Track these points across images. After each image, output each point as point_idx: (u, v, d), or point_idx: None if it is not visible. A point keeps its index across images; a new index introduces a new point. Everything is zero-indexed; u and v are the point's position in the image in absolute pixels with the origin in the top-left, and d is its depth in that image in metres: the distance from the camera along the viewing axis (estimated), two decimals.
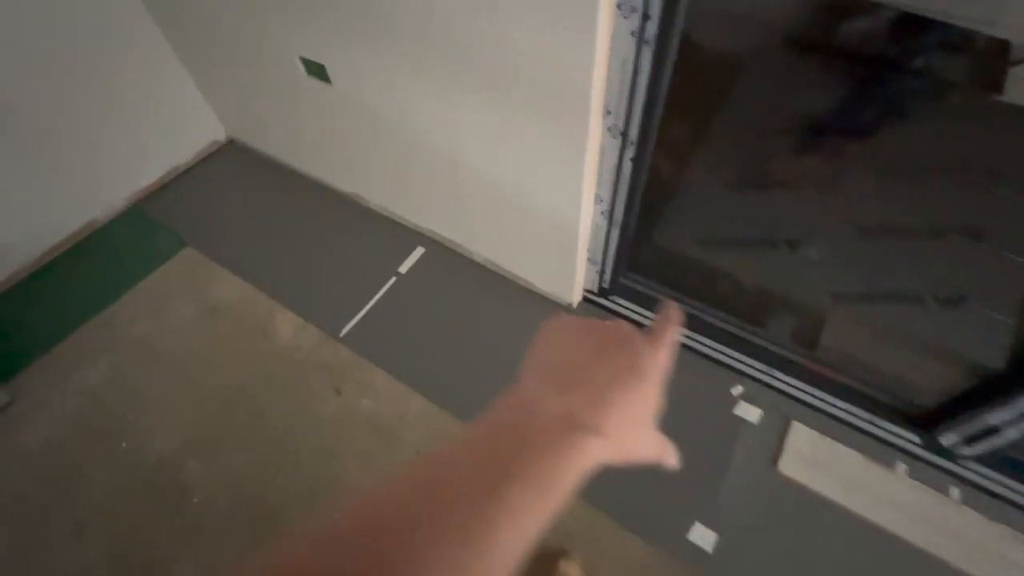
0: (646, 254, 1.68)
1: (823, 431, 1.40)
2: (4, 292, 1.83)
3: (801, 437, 1.39)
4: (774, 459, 1.36)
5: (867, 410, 1.40)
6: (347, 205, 2.05)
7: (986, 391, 1.17)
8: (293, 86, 1.67)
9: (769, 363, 1.52)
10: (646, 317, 1.63)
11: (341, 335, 1.69)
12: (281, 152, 2.15)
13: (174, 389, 1.60)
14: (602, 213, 1.36)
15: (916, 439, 1.36)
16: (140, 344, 1.70)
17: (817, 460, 1.34)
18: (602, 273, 1.59)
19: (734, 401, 1.48)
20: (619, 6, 0.91)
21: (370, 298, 1.77)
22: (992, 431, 1.19)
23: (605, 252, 1.50)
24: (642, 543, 1.28)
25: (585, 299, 1.72)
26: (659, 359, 0.34)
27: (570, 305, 1.70)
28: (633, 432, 0.32)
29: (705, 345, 1.57)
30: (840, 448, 1.37)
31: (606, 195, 1.31)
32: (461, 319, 1.71)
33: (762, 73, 2.25)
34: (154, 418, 1.55)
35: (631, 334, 0.34)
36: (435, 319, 1.72)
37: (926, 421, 1.33)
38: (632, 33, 0.94)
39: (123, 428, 1.53)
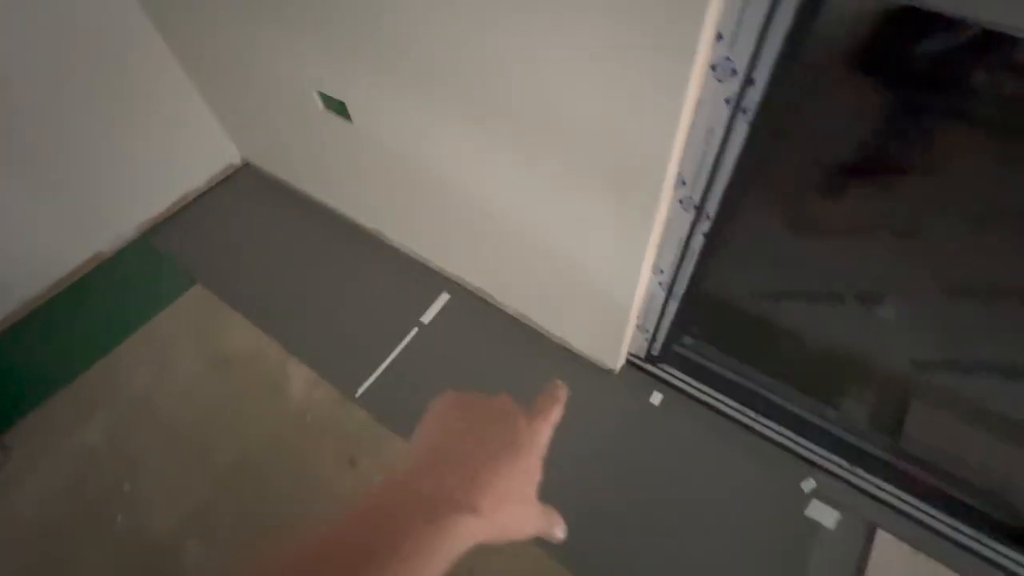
0: (700, 316, 1.48)
1: (916, 544, 1.19)
2: (1, 333, 1.72)
3: (889, 550, 1.18)
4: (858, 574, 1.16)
5: (969, 523, 1.18)
6: (368, 242, 1.89)
7: None
8: (311, 120, 1.51)
9: (846, 455, 1.31)
10: (697, 388, 1.43)
11: (357, 395, 1.53)
12: (300, 180, 2.00)
13: (175, 456, 1.46)
14: (660, 284, 1.17)
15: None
16: (141, 400, 1.57)
17: None
18: (652, 341, 1.39)
19: (806, 500, 1.28)
20: (713, 67, 0.72)
21: (390, 352, 1.61)
22: None
23: (659, 322, 1.30)
24: None
25: (629, 363, 1.53)
26: (538, 436, 0.36)
27: (612, 370, 1.51)
28: (511, 509, 0.32)
29: (768, 428, 1.37)
30: (937, 567, 1.16)
31: (668, 267, 1.11)
32: (489, 379, 1.54)
33: (824, 103, 2.02)
34: (152, 488, 1.41)
35: (511, 411, 0.36)
36: (460, 377, 1.54)
37: None
38: (727, 100, 0.75)
39: (120, 499, 1.40)
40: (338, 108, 1.39)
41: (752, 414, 1.39)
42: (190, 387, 1.59)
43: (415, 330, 1.66)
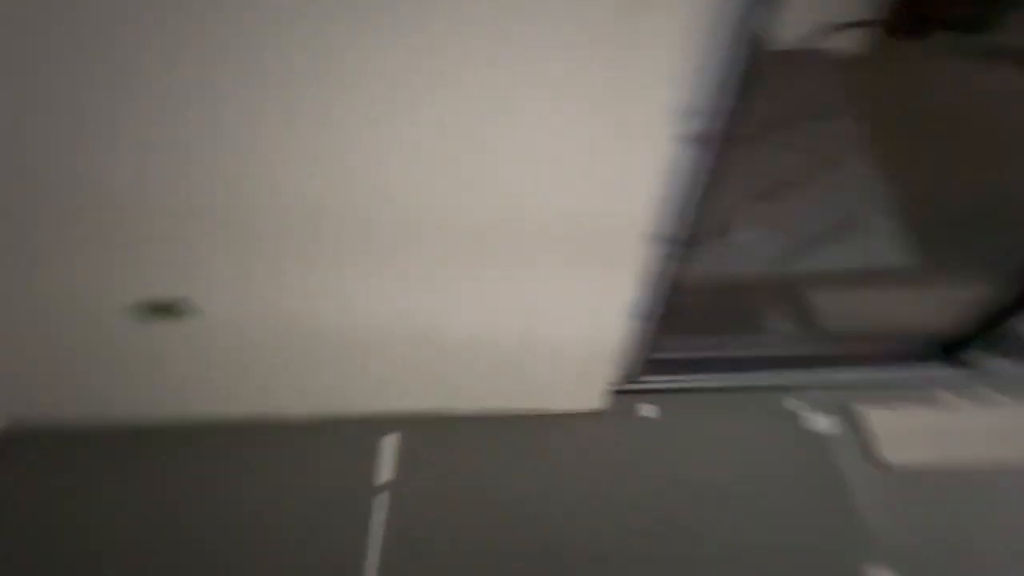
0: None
1: (889, 404, 1.43)
2: None
3: (878, 419, 1.40)
4: (873, 454, 1.34)
5: (903, 363, 1.46)
6: (251, 433, 1.47)
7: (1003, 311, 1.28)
8: (127, 336, 1.10)
9: (799, 365, 1.50)
10: (684, 383, 1.48)
11: None
12: (119, 411, 1.45)
13: None
14: (634, 316, 1.16)
15: (955, 366, 1.46)
16: None
17: (916, 434, 1.36)
18: (629, 366, 1.39)
19: (797, 417, 1.43)
20: (676, 114, 0.70)
21: (365, 554, 1.27)
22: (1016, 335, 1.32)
23: (635, 349, 1.30)
24: None
25: (614, 394, 1.50)
26: None
27: (596, 411, 1.47)
28: None
29: (744, 378, 1.49)
30: (924, 411, 1.41)
31: (641, 299, 1.10)
32: (490, 498, 1.35)
33: None
34: None
35: None
36: (459, 521, 1.32)
37: (953, 350, 1.44)
38: (688, 139, 0.74)
39: None
40: (166, 310, 1.03)
41: (726, 375, 1.49)
42: None
43: (383, 495, 1.36)
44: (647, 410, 1.48)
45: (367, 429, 1.46)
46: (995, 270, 1.28)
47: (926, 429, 1.38)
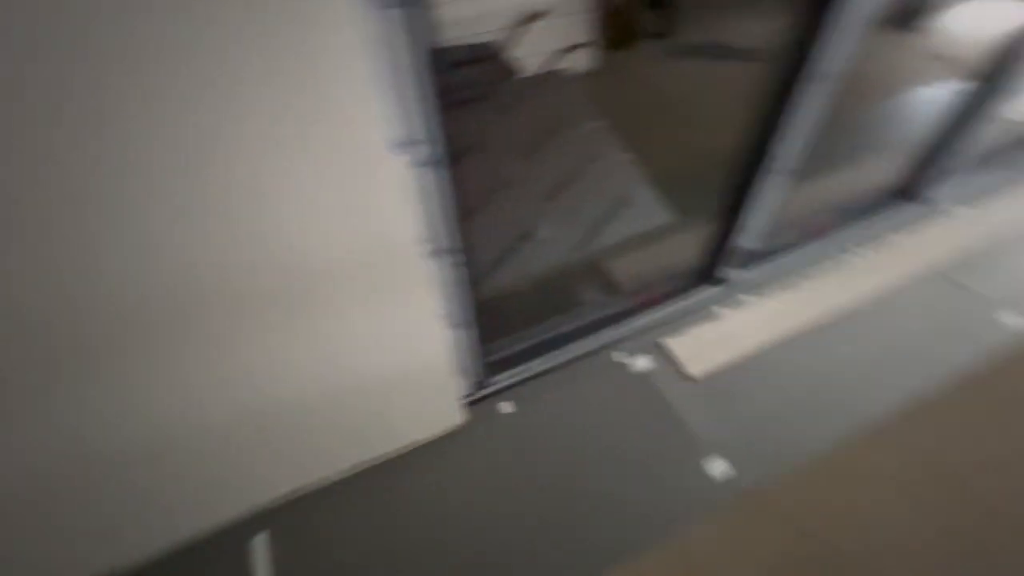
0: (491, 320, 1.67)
1: (682, 331, 1.74)
2: None
3: (678, 345, 1.70)
4: (682, 373, 1.63)
5: (683, 295, 1.80)
6: None
7: (724, 232, 1.67)
8: None
9: (612, 322, 1.76)
10: (528, 372, 1.64)
11: None
12: None
13: None
14: (454, 327, 1.27)
15: (716, 285, 1.84)
16: None
17: (706, 346, 1.68)
18: (474, 373, 1.50)
19: (624, 365, 1.67)
20: (398, 147, 0.84)
21: None
22: (739, 250, 1.72)
23: (468, 353, 1.41)
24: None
25: (470, 405, 1.59)
26: None
27: (460, 425, 1.55)
28: None
29: (581, 347, 1.70)
30: (706, 327, 1.74)
31: (451, 310, 1.22)
32: (382, 551, 1.34)
33: None
34: None
35: None
36: None
37: (710, 273, 1.81)
38: (420, 163, 0.88)
39: None
40: None
41: (560, 351, 1.69)
42: None
43: None
44: (505, 407, 1.60)
45: (230, 539, 1.35)
46: (714, 208, 1.66)
47: (712, 339, 1.71)
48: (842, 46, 1.20)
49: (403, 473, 1.46)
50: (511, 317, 1.81)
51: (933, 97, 2.69)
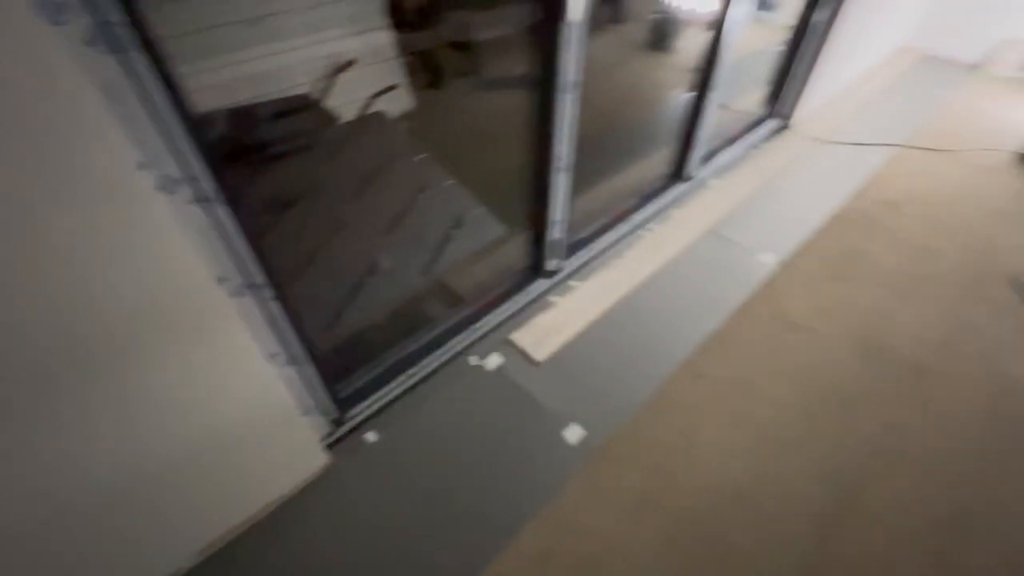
0: (335, 354, 1.66)
1: (524, 323, 1.90)
2: None
3: (522, 337, 1.85)
4: (530, 361, 1.78)
5: (519, 291, 1.98)
6: None
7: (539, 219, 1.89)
8: None
9: (462, 330, 1.87)
10: (387, 395, 1.66)
11: None
12: None
13: None
14: (286, 362, 1.26)
15: (546, 277, 2.04)
16: None
17: (546, 332, 1.85)
18: (328, 410, 1.48)
19: (480, 367, 1.78)
20: (164, 190, 0.85)
21: None
22: (556, 242, 1.95)
23: (313, 389, 1.40)
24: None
25: (332, 446, 1.56)
26: None
27: (326, 466, 1.51)
28: None
29: (435, 359, 1.76)
30: (544, 315, 1.92)
31: (275, 347, 1.21)
32: None
33: None
34: None
35: None
36: None
37: (540, 267, 2.01)
38: (194, 200, 0.90)
39: None
40: None
41: (415, 367, 1.74)
42: None
43: None
44: (370, 437, 1.59)
45: None
46: (527, 212, 1.87)
47: (550, 325, 1.90)
48: (572, 62, 1.48)
49: (273, 535, 1.38)
50: (367, 349, 1.82)
51: (684, 99, 3.32)
